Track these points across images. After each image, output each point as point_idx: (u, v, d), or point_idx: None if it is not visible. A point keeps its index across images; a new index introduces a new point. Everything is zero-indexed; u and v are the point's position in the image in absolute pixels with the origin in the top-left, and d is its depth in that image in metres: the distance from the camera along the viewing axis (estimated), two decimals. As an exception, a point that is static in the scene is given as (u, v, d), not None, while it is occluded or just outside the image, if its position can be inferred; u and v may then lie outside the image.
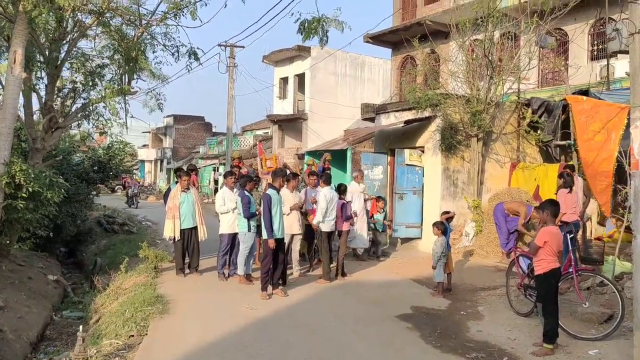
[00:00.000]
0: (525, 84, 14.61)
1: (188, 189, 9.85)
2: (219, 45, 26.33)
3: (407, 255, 12.67)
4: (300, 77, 32.54)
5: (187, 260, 10.05)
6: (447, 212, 9.77)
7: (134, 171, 58.59)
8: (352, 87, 33.35)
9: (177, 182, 10.59)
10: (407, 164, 13.25)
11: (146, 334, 6.64)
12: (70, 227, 14.99)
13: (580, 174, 10.44)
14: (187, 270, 9.99)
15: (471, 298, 8.76)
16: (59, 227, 14.68)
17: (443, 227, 9.00)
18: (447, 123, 12.61)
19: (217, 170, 38.19)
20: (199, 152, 47.67)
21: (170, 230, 9.75)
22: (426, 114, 13.05)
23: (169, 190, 10.76)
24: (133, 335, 6.64)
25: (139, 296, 8.15)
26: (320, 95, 31.22)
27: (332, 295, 8.82)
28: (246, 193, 9.39)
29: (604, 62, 15.82)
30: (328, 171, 11.94)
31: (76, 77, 10.73)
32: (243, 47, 27.31)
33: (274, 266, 8.58)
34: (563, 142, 12.28)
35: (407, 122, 12.83)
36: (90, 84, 9.79)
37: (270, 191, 8.56)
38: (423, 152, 13.38)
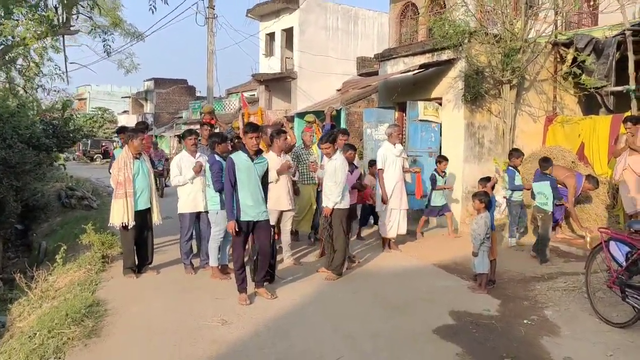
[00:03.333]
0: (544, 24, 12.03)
1: (140, 154, 7.23)
2: (196, -7, 23.37)
3: (424, 231, 10.31)
4: (288, 33, 29.64)
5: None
6: (488, 179, 7.37)
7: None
8: (344, 42, 30.50)
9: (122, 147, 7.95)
10: (420, 120, 10.78)
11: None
12: (13, 202, 12.43)
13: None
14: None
15: (526, 294, 6.44)
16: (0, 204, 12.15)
17: (487, 199, 6.60)
18: (473, 67, 10.11)
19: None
20: (181, 117, 44.77)
21: (122, 213, 6.88)
22: (444, 56, 10.54)
23: (113, 158, 7.98)
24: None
25: (66, 305, 5.74)
26: (310, 52, 28.43)
27: (337, 295, 6.43)
28: (217, 158, 6.91)
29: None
30: (335, 130, 9.38)
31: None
32: (223, -4, 24.34)
33: (261, 258, 6.18)
34: (619, 88, 9.84)
35: (423, 66, 10.30)
36: (3, 13, 7.12)
37: (236, 155, 6.05)
38: (440, 104, 10.90)
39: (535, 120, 11.16)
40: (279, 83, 29.87)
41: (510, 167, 8.92)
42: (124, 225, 6.92)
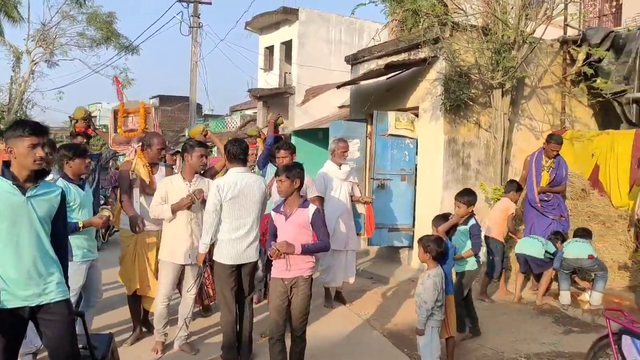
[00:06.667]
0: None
1: None
2: (179, 1, 21.76)
3: (388, 275, 8.11)
4: (288, 46, 27.93)
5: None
6: (445, 217, 5.00)
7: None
8: (348, 57, 28.60)
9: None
10: (391, 134, 8.62)
11: None
12: None
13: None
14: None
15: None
16: None
17: (438, 246, 4.36)
18: (455, 68, 7.95)
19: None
20: (185, 135, 43.29)
21: None
22: (422, 55, 8.41)
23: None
24: None
25: None
26: (310, 66, 26.55)
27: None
28: (62, 182, 4.67)
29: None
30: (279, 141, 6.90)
31: None
32: (210, 3, 22.60)
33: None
34: (645, 94, 7.60)
35: (388, 66, 8.17)
36: None
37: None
38: (417, 116, 8.75)
39: (538, 137, 8.90)
40: (277, 99, 28.01)
41: None
42: None
